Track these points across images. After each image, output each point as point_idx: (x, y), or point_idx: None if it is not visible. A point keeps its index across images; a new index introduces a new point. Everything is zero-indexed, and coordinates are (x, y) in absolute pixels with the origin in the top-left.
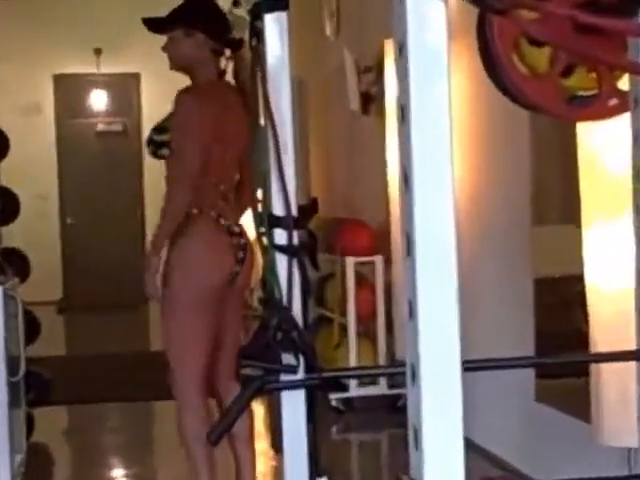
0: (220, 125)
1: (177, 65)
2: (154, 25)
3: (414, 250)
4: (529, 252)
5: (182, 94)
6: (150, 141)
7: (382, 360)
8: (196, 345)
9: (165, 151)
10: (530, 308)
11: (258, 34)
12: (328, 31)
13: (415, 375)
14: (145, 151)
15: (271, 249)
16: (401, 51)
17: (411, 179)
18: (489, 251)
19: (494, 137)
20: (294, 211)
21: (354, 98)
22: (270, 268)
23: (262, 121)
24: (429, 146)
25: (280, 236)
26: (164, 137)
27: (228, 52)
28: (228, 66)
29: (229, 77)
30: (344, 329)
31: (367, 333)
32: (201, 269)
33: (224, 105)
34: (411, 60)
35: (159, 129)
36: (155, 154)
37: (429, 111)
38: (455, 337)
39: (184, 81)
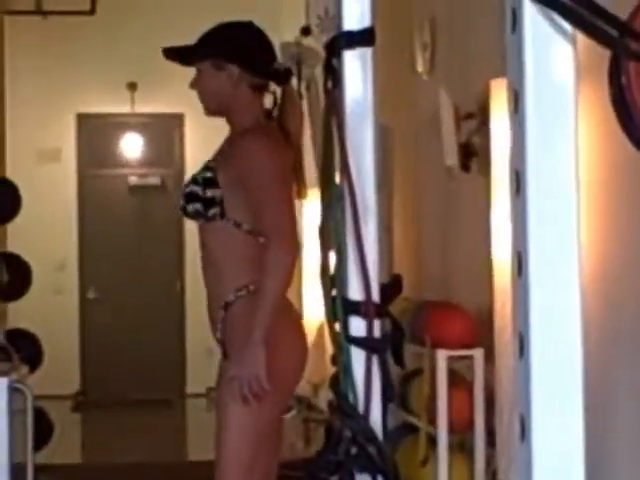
0: (291, 177)
1: (209, 106)
2: (178, 56)
3: (529, 353)
4: None
5: (256, 136)
6: (194, 197)
7: None
8: (255, 466)
9: (215, 210)
10: None
11: (335, 74)
12: (420, 67)
13: None
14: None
15: (345, 342)
16: (517, 100)
17: (526, 266)
18: (624, 351)
19: (630, 207)
20: (375, 295)
21: (451, 151)
22: (344, 366)
23: (338, 178)
24: (551, 225)
25: (357, 326)
26: (216, 192)
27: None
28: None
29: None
30: (433, 440)
31: (462, 446)
32: (290, 372)
33: (288, 153)
34: (529, 112)
35: (205, 182)
36: (201, 214)
37: (552, 179)
38: (579, 464)
39: None
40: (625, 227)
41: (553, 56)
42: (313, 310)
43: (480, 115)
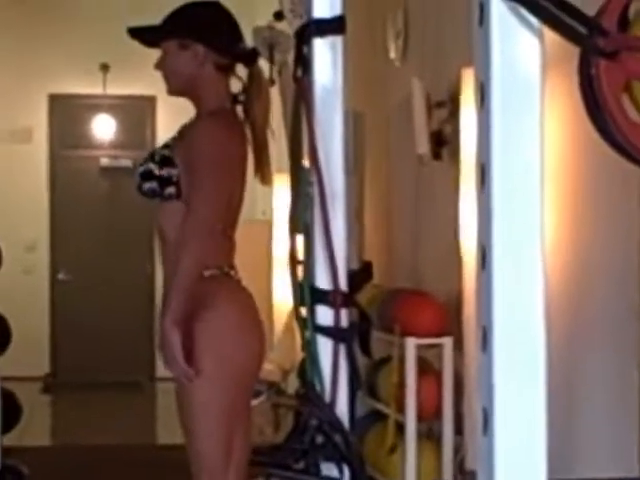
0: (243, 165)
1: (174, 87)
2: (144, 36)
3: (491, 346)
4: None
5: (207, 121)
6: (149, 175)
7: (448, 469)
8: (232, 450)
9: (171, 190)
10: (636, 412)
11: (305, 61)
12: (392, 54)
13: None
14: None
15: (312, 331)
16: (483, 94)
17: (490, 260)
18: (588, 345)
19: (596, 199)
20: (343, 284)
21: (422, 139)
22: (311, 355)
23: (306, 163)
24: (515, 219)
25: (324, 315)
26: (172, 171)
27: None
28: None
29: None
30: (401, 428)
31: (430, 434)
32: (241, 349)
33: (244, 140)
34: (495, 107)
35: (161, 160)
36: (157, 193)
37: (517, 174)
38: (541, 457)
39: None
40: (593, 219)
41: (520, 50)
42: (284, 295)
43: (451, 103)
